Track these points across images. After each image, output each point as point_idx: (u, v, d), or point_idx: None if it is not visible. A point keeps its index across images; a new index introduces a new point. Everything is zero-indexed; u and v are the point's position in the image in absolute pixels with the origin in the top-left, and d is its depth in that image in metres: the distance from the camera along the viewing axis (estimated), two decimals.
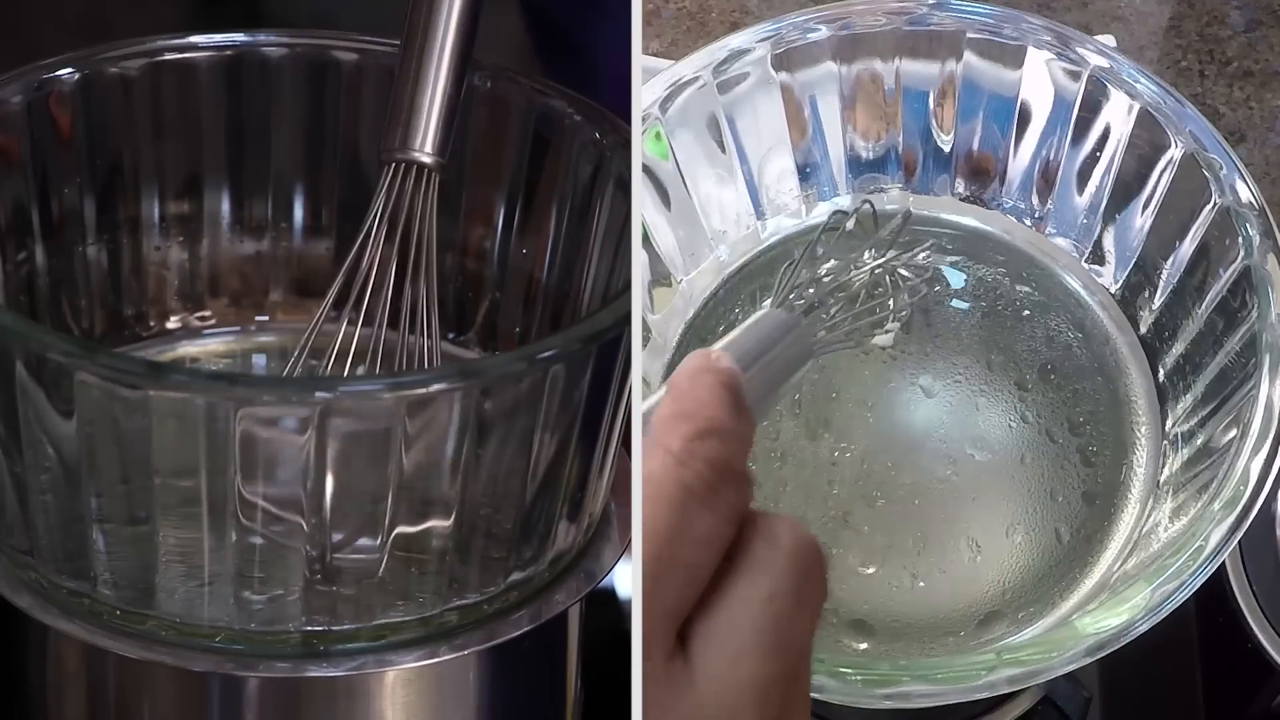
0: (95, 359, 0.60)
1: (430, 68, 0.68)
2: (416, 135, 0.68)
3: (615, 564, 0.69)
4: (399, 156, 0.68)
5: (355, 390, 0.61)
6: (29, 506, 0.64)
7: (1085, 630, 0.62)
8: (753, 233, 0.76)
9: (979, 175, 0.76)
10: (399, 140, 0.68)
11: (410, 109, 0.68)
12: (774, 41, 0.74)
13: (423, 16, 0.68)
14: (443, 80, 0.68)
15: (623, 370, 0.65)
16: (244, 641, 0.64)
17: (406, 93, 0.68)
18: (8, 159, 0.70)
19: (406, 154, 0.68)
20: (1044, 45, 0.74)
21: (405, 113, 0.68)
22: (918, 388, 0.72)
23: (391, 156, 0.68)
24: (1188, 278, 0.71)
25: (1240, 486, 0.64)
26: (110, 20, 0.83)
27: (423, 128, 0.68)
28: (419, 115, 0.68)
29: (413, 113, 0.68)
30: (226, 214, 0.75)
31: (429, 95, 0.68)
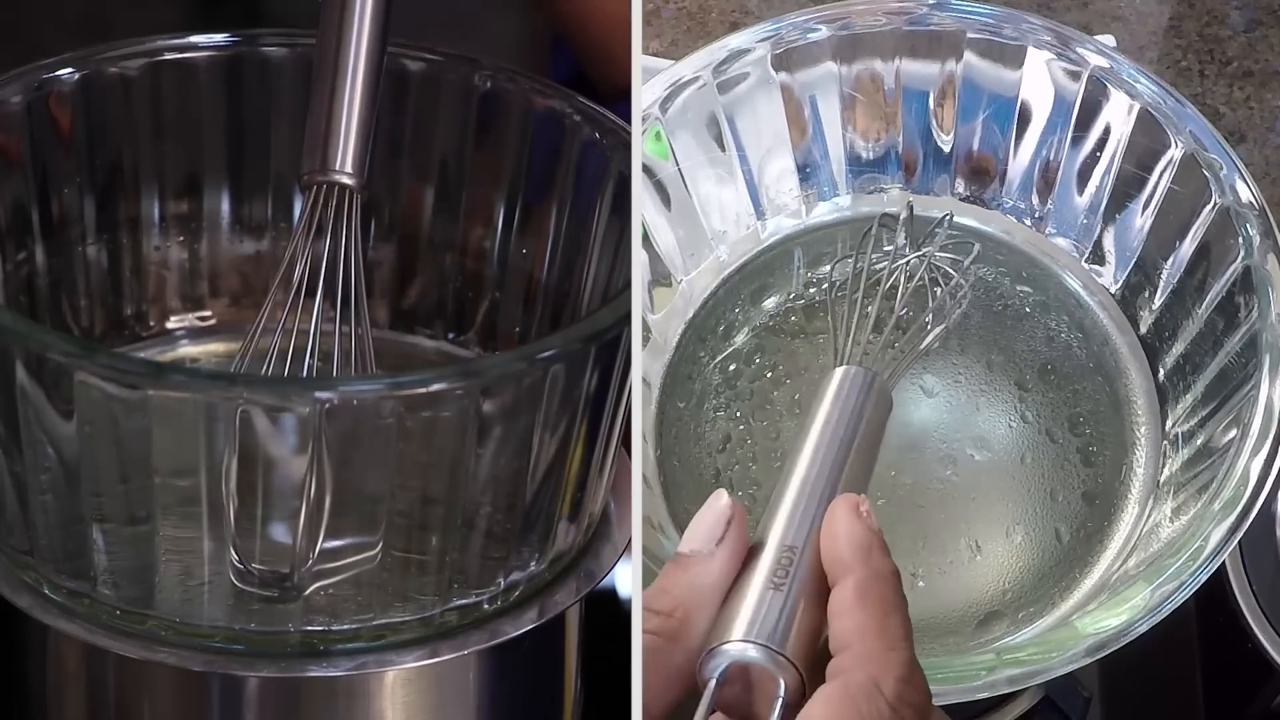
0: (95, 359, 0.60)
1: (345, 85, 0.68)
2: (335, 157, 0.68)
3: (615, 564, 0.69)
4: (320, 179, 0.68)
5: (355, 390, 0.61)
6: (29, 506, 0.64)
7: (1085, 630, 0.62)
8: (753, 233, 0.76)
9: (979, 175, 0.76)
10: (319, 163, 0.68)
11: (328, 130, 0.68)
12: (774, 41, 0.74)
13: (334, 34, 0.68)
14: (358, 98, 0.68)
15: (623, 370, 0.65)
16: (244, 641, 0.64)
17: (323, 113, 0.68)
18: (8, 159, 0.70)
19: (328, 176, 0.68)
20: (1044, 45, 0.74)
21: (323, 134, 0.68)
22: (918, 388, 0.72)
23: (313, 179, 0.68)
24: (1188, 278, 0.71)
25: (1240, 486, 0.64)
26: (110, 20, 0.83)
27: (340, 148, 0.68)
28: (336, 136, 0.68)
29: (330, 134, 0.68)
30: (226, 214, 0.75)
31: (345, 114, 0.68)
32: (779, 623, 0.54)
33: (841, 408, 0.61)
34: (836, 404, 0.61)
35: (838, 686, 0.53)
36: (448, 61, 0.73)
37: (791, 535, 0.56)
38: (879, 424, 0.62)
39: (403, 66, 0.73)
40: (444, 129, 0.73)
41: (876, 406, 0.62)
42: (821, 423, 0.60)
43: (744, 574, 0.56)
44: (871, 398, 0.62)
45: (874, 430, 0.61)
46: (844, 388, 0.62)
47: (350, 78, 0.68)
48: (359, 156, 0.68)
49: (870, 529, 0.56)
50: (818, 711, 0.52)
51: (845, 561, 0.55)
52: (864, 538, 0.56)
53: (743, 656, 0.54)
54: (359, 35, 0.68)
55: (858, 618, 0.54)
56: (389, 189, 0.75)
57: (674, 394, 0.73)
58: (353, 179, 0.68)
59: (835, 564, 0.56)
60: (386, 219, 0.75)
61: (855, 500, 0.57)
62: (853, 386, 0.62)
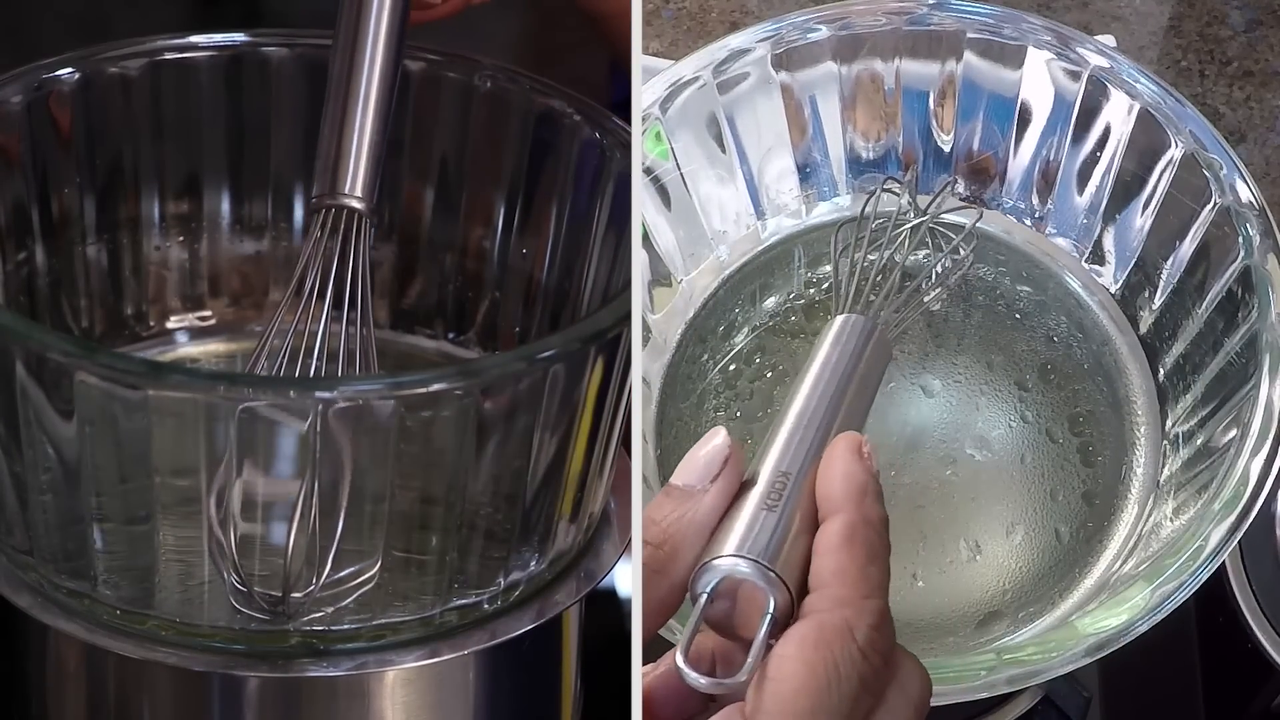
0: (95, 359, 0.60)
1: (356, 109, 0.68)
2: (345, 180, 0.68)
3: (615, 564, 0.69)
4: (329, 203, 0.68)
5: (355, 390, 0.61)
6: (29, 506, 0.64)
7: (1085, 630, 0.62)
8: (753, 233, 0.76)
9: (979, 175, 0.76)
10: (328, 186, 0.68)
11: (338, 153, 0.68)
12: (774, 41, 0.74)
13: (346, 57, 0.68)
14: (370, 122, 0.68)
15: (623, 370, 0.65)
16: (244, 641, 0.64)
17: (334, 137, 0.68)
18: (8, 159, 0.70)
19: (337, 200, 0.68)
20: (1044, 45, 0.74)
21: (334, 158, 0.68)
22: (918, 388, 0.72)
23: (323, 203, 0.68)
24: (1188, 278, 0.71)
25: (1240, 486, 0.64)
26: (110, 20, 0.83)
27: (350, 172, 0.68)
28: (346, 159, 0.68)
29: (340, 157, 0.68)
30: (226, 214, 0.75)
31: (355, 138, 0.68)
32: (771, 540, 0.54)
33: (841, 350, 0.61)
34: (836, 346, 0.61)
35: (812, 626, 0.53)
36: (448, 61, 0.73)
37: (787, 462, 0.57)
38: (877, 369, 0.62)
39: (403, 66, 0.73)
40: (444, 129, 0.74)
41: (875, 352, 0.62)
42: (820, 362, 0.61)
43: (737, 498, 0.56)
44: (871, 343, 0.62)
45: (871, 374, 0.62)
46: (844, 333, 0.62)
47: (363, 99, 0.68)
48: (370, 180, 0.68)
49: (869, 471, 0.56)
50: (791, 650, 0.52)
51: (837, 500, 0.55)
52: (861, 479, 0.56)
53: (734, 571, 0.54)
54: (372, 56, 0.68)
55: (840, 559, 0.54)
56: (389, 189, 0.75)
57: (674, 394, 0.73)
58: (362, 203, 0.68)
59: (827, 500, 0.55)
60: (386, 219, 0.75)
61: (859, 440, 0.57)
62: (852, 332, 0.62)
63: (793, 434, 0.58)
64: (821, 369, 0.60)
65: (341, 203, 0.68)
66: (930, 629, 0.68)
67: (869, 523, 0.55)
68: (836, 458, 0.56)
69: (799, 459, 0.57)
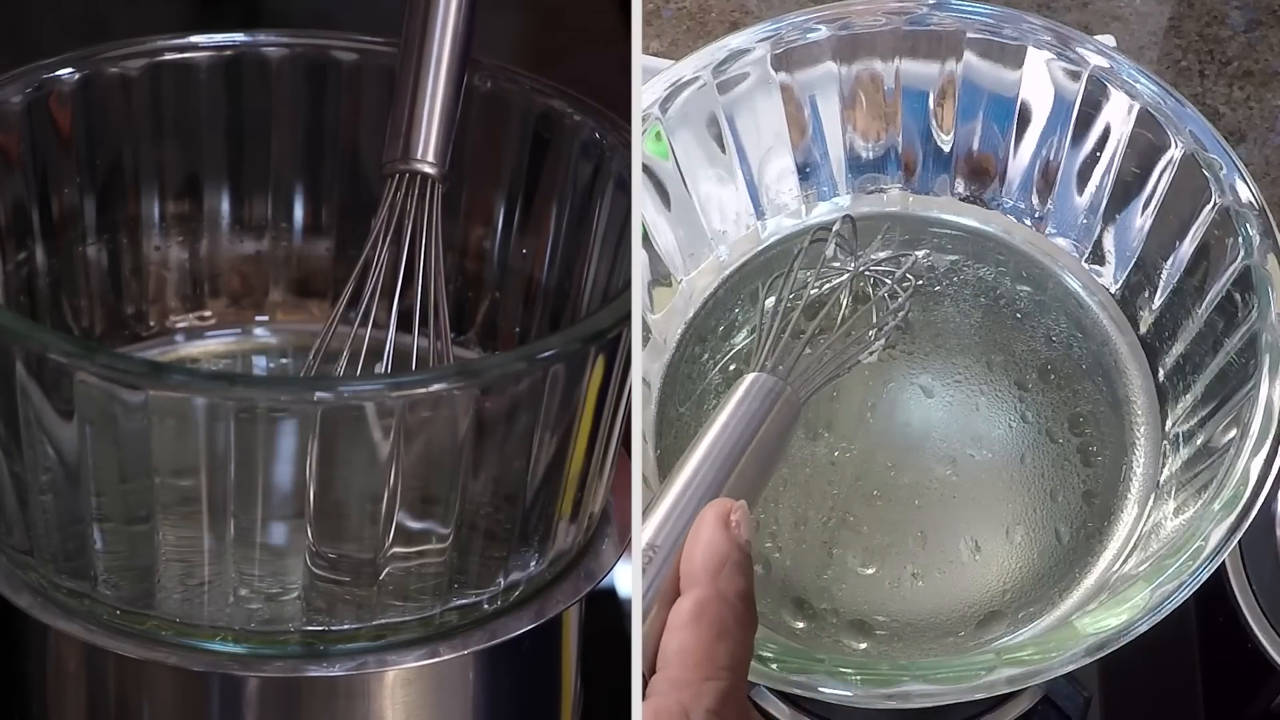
0: (95, 359, 0.60)
1: (428, 76, 0.68)
2: (417, 146, 0.68)
3: (615, 564, 0.69)
4: (401, 168, 0.68)
5: (355, 390, 0.61)
6: (29, 506, 0.64)
7: (1085, 630, 0.62)
8: (753, 233, 0.76)
9: (979, 175, 0.76)
10: (400, 151, 0.68)
11: (410, 120, 0.68)
12: (774, 41, 0.74)
13: (419, 25, 0.68)
14: (441, 89, 0.68)
15: (623, 370, 0.65)
16: (244, 641, 0.64)
17: (405, 103, 0.68)
18: (8, 159, 0.70)
19: (409, 165, 0.68)
20: (1044, 45, 0.74)
21: (405, 124, 0.68)
22: (918, 388, 0.72)
23: (394, 168, 0.68)
24: (1188, 278, 0.71)
25: (1240, 486, 0.64)
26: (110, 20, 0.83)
27: (423, 138, 0.68)
28: (419, 126, 0.68)
29: (413, 123, 0.68)
30: (226, 214, 0.75)
31: (428, 105, 0.68)
32: None
33: (742, 413, 0.61)
34: (738, 409, 0.61)
35: (648, 711, 0.51)
36: None
37: (658, 534, 0.56)
38: (780, 433, 0.61)
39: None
40: None
41: (780, 415, 0.61)
42: (719, 426, 0.60)
43: None
44: (777, 406, 0.61)
45: (773, 439, 0.61)
46: (749, 394, 0.61)
47: (435, 63, 0.68)
48: (441, 146, 0.68)
49: (732, 542, 0.54)
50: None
51: (694, 575, 0.54)
52: (721, 552, 0.54)
53: None
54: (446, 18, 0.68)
55: (685, 637, 0.53)
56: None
57: (674, 394, 0.73)
58: (434, 168, 0.68)
59: (685, 576, 0.54)
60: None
61: (727, 508, 0.55)
62: (758, 393, 0.61)
63: (672, 506, 0.57)
64: (718, 434, 0.60)
65: (414, 168, 0.68)
66: (930, 629, 0.68)
67: (722, 598, 0.53)
68: (702, 528, 0.55)
69: (672, 532, 0.56)
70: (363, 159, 0.74)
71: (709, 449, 0.59)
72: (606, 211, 0.70)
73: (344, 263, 0.75)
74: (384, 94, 0.72)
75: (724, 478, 0.59)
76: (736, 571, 0.54)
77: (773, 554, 0.69)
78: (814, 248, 0.72)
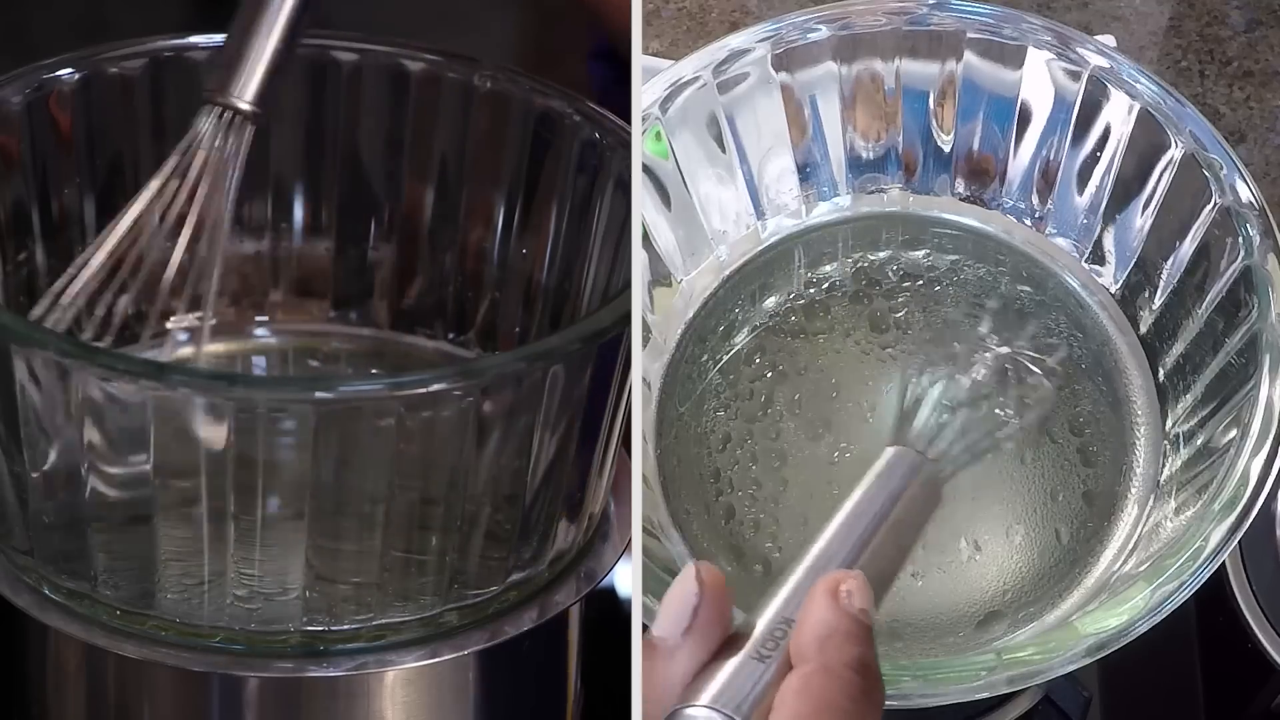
0: (95, 359, 0.60)
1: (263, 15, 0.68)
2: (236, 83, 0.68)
3: (615, 564, 0.69)
4: (219, 100, 0.68)
5: (355, 390, 0.61)
6: (29, 506, 0.64)
7: (1085, 630, 0.62)
8: (753, 233, 0.76)
9: (979, 175, 0.76)
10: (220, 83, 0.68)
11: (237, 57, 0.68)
12: (774, 41, 0.74)
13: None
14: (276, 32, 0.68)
15: (623, 370, 0.65)
16: (244, 641, 0.64)
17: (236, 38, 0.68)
18: (8, 159, 0.70)
19: (226, 99, 0.68)
20: (1044, 45, 0.74)
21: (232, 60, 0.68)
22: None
23: (212, 99, 0.68)
24: (1188, 278, 0.71)
25: (1240, 486, 0.64)
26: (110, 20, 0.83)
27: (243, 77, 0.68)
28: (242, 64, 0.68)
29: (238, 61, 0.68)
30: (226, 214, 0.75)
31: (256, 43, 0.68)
32: (750, 694, 0.52)
33: (879, 488, 0.59)
34: (876, 484, 0.59)
35: None
36: (448, 61, 0.73)
37: (791, 608, 0.54)
38: (922, 511, 0.60)
39: (403, 66, 0.73)
40: (444, 129, 0.73)
41: (922, 491, 0.59)
42: (855, 501, 0.58)
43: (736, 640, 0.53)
44: (918, 480, 0.59)
45: (913, 515, 0.59)
46: (889, 468, 0.60)
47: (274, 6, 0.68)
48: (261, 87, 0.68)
49: (842, 613, 0.53)
50: None
51: (802, 650, 0.53)
52: (828, 623, 0.53)
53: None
54: None
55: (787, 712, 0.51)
56: (389, 189, 0.75)
57: (674, 394, 0.73)
58: (249, 106, 0.68)
59: (796, 652, 0.53)
60: (386, 219, 0.75)
61: (836, 580, 0.54)
62: (898, 467, 0.60)
63: (805, 577, 0.55)
64: (855, 509, 0.58)
65: (231, 103, 0.67)
66: (930, 629, 0.68)
67: (829, 670, 0.52)
68: (810, 602, 0.54)
69: None
70: (363, 159, 0.74)
71: (842, 525, 0.57)
72: (606, 211, 0.70)
73: (344, 262, 0.75)
74: (384, 94, 0.72)
75: (858, 550, 0.56)
76: (847, 642, 0.52)
77: (773, 554, 0.69)
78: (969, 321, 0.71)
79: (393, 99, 0.73)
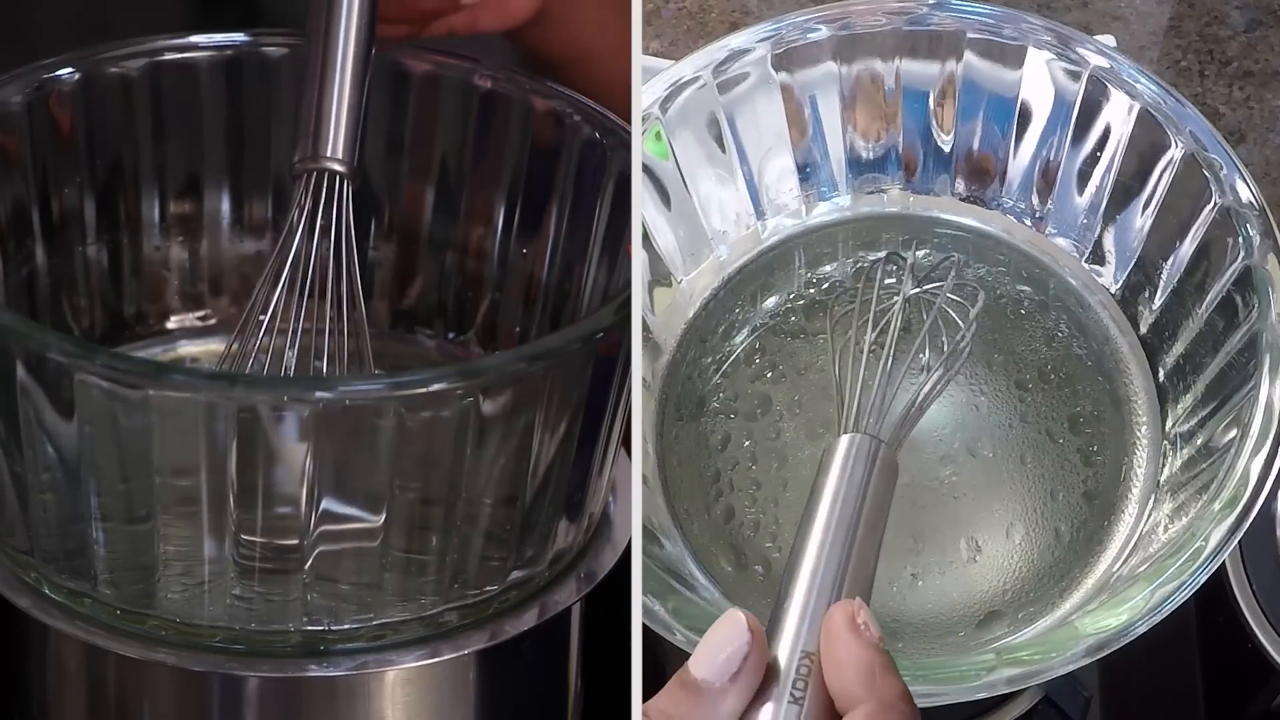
0: (95, 359, 0.60)
1: (334, 75, 0.68)
2: (326, 144, 0.68)
3: (615, 564, 0.69)
4: (311, 166, 0.68)
5: (355, 390, 0.61)
6: (29, 506, 0.64)
7: (1085, 630, 0.62)
8: (753, 233, 0.76)
9: (979, 175, 0.76)
10: (310, 150, 0.68)
11: (318, 118, 0.68)
12: (774, 41, 0.74)
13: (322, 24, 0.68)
14: (348, 87, 0.68)
15: (623, 370, 0.65)
16: (244, 641, 0.64)
17: (313, 102, 0.68)
18: (8, 159, 0.70)
19: (319, 163, 0.68)
20: (1044, 45, 0.74)
21: (314, 123, 0.68)
22: None
23: (305, 167, 0.68)
24: (1188, 278, 0.71)
25: (1240, 486, 0.64)
26: (110, 20, 0.83)
27: (331, 136, 0.68)
28: (326, 124, 0.68)
29: (320, 122, 0.68)
30: (226, 214, 0.75)
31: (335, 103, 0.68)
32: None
33: (849, 481, 0.60)
34: (841, 481, 0.60)
35: None
36: (448, 61, 0.73)
37: (805, 639, 0.55)
38: (885, 495, 0.61)
39: (403, 66, 0.73)
40: (444, 129, 0.74)
41: (882, 476, 0.60)
42: (827, 505, 0.59)
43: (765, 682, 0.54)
44: (877, 468, 0.60)
45: (880, 504, 0.60)
46: (848, 459, 0.60)
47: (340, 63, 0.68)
48: (349, 143, 0.68)
49: (872, 646, 0.54)
50: None
51: (852, 692, 0.54)
52: (867, 661, 0.54)
53: None
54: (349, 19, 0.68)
55: None
56: (389, 189, 0.75)
57: (674, 394, 0.73)
58: (344, 165, 0.68)
59: (842, 695, 0.54)
60: (386, 219, 0.75)
61: (851, 612, 0.55)
62: (857, 457, 0.60)
63: (805, 604, 0.56)
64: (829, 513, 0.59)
65: (324, 166, 0.68)
66: (930, 629, 0.68)
67: (889, 707, 0.53)
68: (838, 642, 0.54)
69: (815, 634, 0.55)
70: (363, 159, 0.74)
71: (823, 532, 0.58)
72: (606, 211, 0.70)
73: None
74: (383, 94, 0.72)
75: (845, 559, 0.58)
76: (888, 674, 0.54)
77: (773, 554, 0.69)
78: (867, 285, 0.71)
79: (393, 99, 0.73)
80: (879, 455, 0.61)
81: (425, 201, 0.75)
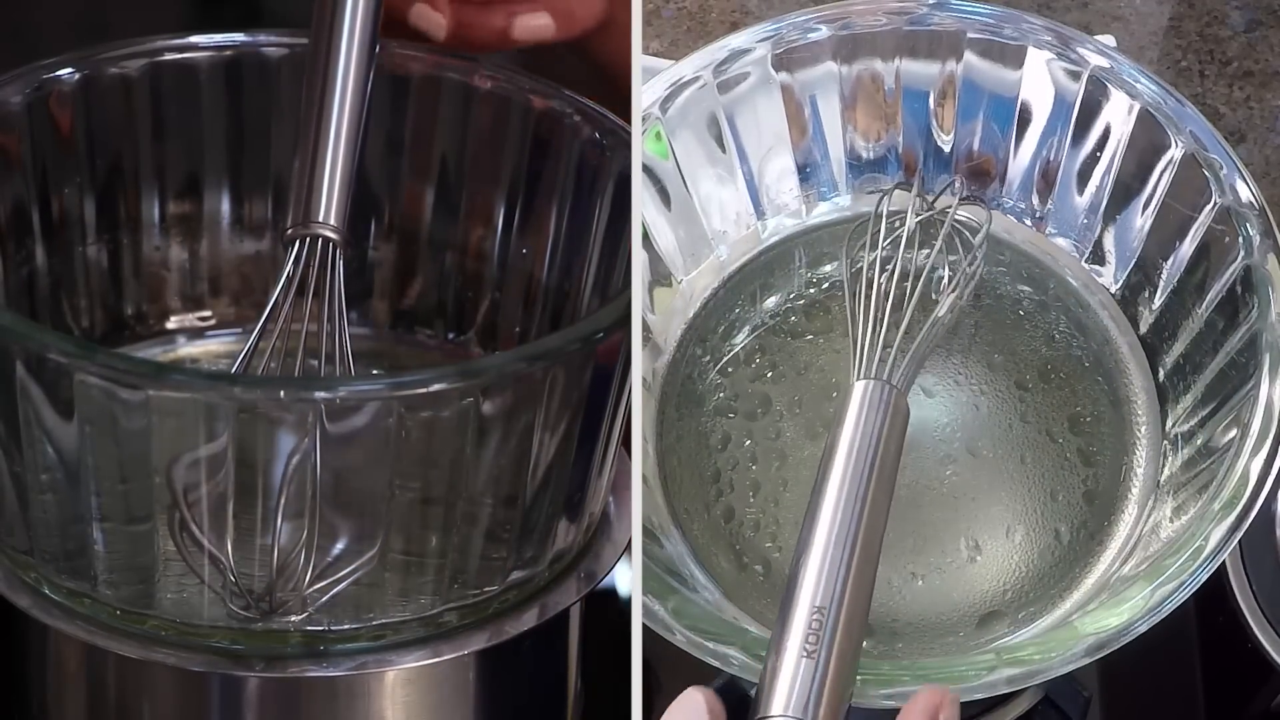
0: (95, 359, 0.60)
1: (327, 141, 0.68)
2: (318, 209, 0.68)
3: (615, 564, 0.69)
4: (302, 232, 0.68)
5: (355, 390, 0.61)
6: (29, 506, 0.64)
7: (1085, 630, 0.62)
8: (753, 233, 0.76)
9: (979, 175, 0.76)
10: (301, 216, 0.68)
11: (310, 185, 0.68)
12: (774, 41, 0.74)
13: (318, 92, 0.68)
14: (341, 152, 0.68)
15: (623, 370, 0.65)
16: (244, 641, 0.64)
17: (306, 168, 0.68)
18: (8, 159, 0.70)
19: (309, 229, 0.68)
20: (1044, 45, 0.74)
21: (306, 189, 0.68)
22: (918, 388, 0.72)
23: (297, 233, 0.68)
24: (1188, 278, 0.71)
25: (1240, 486, 0.64)
26: (110, 20, 0.83)
27: (323, 203, 0.68)
28: (319, 191, 0.68)
29: (313, 189, 0.68)
30: (226, 214, 0.75)
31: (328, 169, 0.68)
32: (812, 692, 0.55)
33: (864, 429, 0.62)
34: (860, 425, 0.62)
35: None
36: (448, 61, 0.73)
37: (820, 595, 0.57)
38: (898, 440, 0.63)
39: (403, 66, 0.73)
40: (444, 129, 0.74)
41: (893, 422, 0.62)
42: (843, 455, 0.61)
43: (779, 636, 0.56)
44: (889, 415, 0.62)
45: (893, 449, 0.62)
46: (864, 406, 0.62)
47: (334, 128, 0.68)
48: (342, 208, 0.68)
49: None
50: None
51: None
52: None
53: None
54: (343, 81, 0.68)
55: None
56: (389, 189, 0.75)
57: (674, 394, 0.73)
58: (336, 232, 0.68)
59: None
60: (386, 219, 0.75)
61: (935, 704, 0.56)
62: (871, 403, 0.62)
63: (823, 560, 0.58)
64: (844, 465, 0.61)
65: (315, 231, 0.68)
66: (930, 629, 0.68)
67: None
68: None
69: (831, 589, 0.57)
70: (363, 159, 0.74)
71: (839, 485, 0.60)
72: (606, 211, 0.70)
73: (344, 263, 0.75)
74: (383, 94, 0.72)
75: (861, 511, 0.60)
76: None
77: (773, 554, 0.69)
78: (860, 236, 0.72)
79: (393, 99, 0.73)
80: (892, 401, 0.63)
81: (425, 201, 0.75)
